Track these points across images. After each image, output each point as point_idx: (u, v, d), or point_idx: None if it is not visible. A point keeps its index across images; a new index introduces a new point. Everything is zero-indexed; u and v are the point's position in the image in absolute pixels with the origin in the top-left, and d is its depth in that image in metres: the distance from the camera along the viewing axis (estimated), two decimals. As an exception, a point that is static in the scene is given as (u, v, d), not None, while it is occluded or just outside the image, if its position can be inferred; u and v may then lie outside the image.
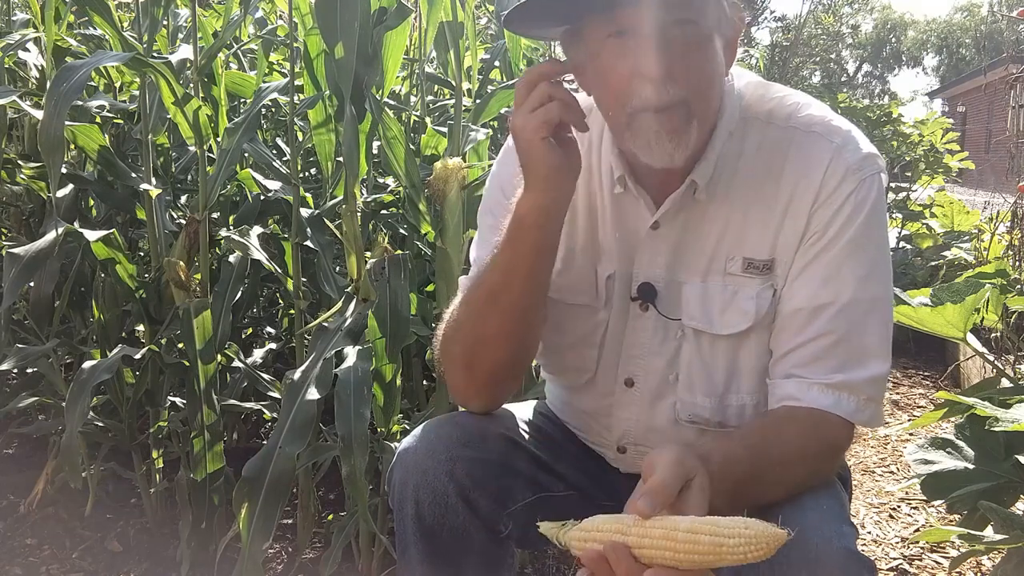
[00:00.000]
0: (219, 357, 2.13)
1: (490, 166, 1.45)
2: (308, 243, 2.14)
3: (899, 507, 2.75)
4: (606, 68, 1.09)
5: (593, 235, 1.28)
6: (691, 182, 1.16)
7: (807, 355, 1.13)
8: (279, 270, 2.21)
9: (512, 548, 1.28)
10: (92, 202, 2.51)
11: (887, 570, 2.34)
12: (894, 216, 5.57)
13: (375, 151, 2.17)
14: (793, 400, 1.13)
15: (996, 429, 1.40)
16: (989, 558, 2.23)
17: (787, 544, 0.99)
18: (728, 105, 1.17)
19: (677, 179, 1.18)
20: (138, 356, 2.09)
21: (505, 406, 1.36)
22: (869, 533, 2.56)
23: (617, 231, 1.25)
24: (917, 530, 2.58)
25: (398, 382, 1.97)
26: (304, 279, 2.27)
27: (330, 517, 2.41)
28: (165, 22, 2.47)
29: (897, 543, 2.50)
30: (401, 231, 2.35)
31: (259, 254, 2.12)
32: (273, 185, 2.22)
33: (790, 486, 1.07)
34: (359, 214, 1.97)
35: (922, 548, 2.45)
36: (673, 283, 1.23)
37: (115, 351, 2.07)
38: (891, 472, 3.07)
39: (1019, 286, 2.34)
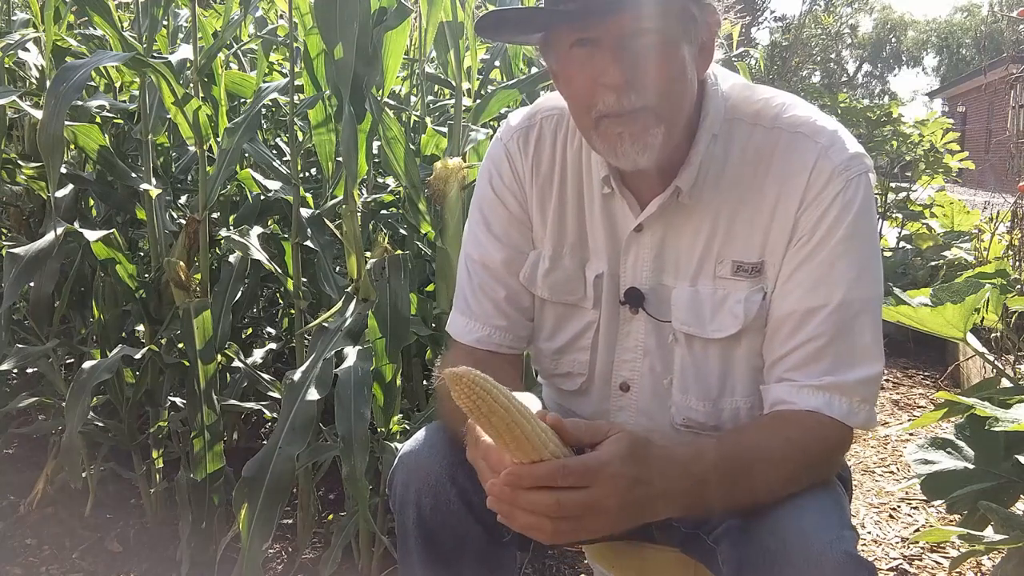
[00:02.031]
0: (219, 357, 2.13)
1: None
2: (308, 243, 2.14)
3: (899, 507, 2.75)
4: (571, 76, 1.11)
5: (582, 234, 1.28)
6: (675, 188, 1.17)
7: (798, 359, 1.13)
8: (279, 270, 2.21)
9: (514, 552, 1.28)
10: (92, 202, 2.51)
11: (887, 570, 2.34)
12: (894, 216, 5.57)
13: (375, 151, 2.18)
14: (784, 404, 1.13)
15: (996, 429, 1.40)
16: (989, 558, 2.23)
17: (788, 548, 1.00)
18: (712, 108, 1.17)
19: (662, 182, 1.18)
20: (138, 356, 2.09)
21: None
22: (869, 533, 2.56)
23: (605, 231, 1.25)
24: (917, 530, 2.58)
25: (398, 382, 1.98)
26: (304, 279, 2.27)
27: (330, 517, 2.41)
28: (165, 22, 2.47)
29: (897, 543, 2.50)
30: (401, 231, 2.35)
31: (259, 254, 2.12)
32: (273, 185, 2.22)
33: (783, 487, 1.07)
34: (359, 214, 1.97)
35: (922, 548, 2.45)
36: (660, 287, 1.23)
37: (115, 351, 2.07)
38: (891, 472, 3.07)
39: (1019, 286, 2.34)
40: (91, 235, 2.04)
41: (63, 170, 2.16)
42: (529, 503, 0.92)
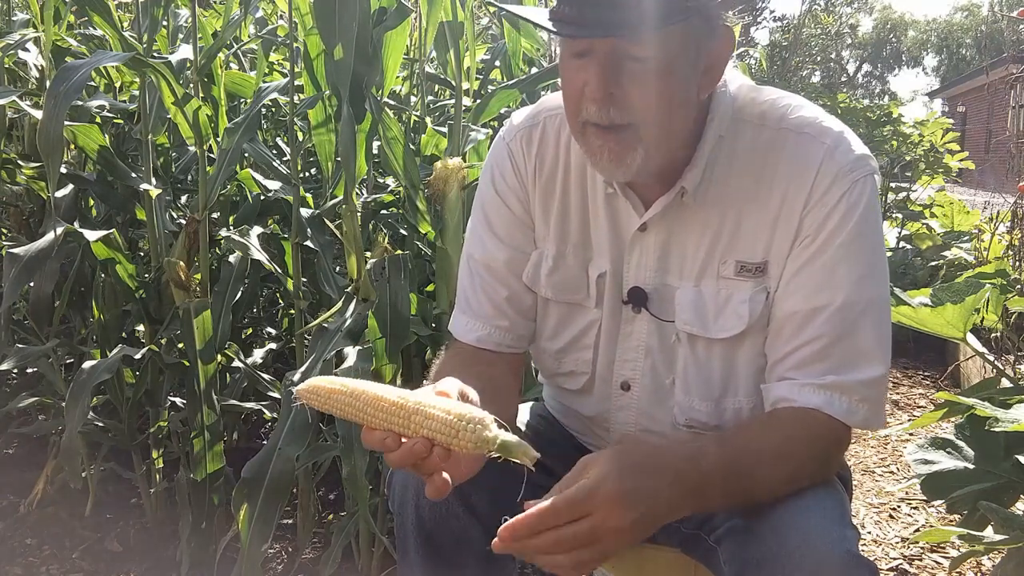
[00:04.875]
0: (219, 357, 2.13)
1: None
2: (308, 243, 2.14)
3: (899, 507, 2.75)
4: (565, 80, 1.13)
5: (585, 233, 1.28)
6: (680, 188, 1.17)
7: (801, 358, 1.13)
8: (279, 270, 2.21)
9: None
10: (92, 202, 2.51)
11: (887, 570, 2.34)
12: (894, 216, 5.57)
13: (375, 151, 2.18)
14: (785, 402, 1.13)
15: (996, 429, 1.40)
16: (989, 558, 2.23)
17: (790, 548, 1.00)
18: (718, 109, 1.17)
19: (666, 183, 1.18)
20: (138, 356, 2.09)
21: None
22: (869, 533, 2.56)
23: (608, 230, 1.26)
24: (917, 530, 2.58)
25: (398, 382, 1.97)
26: (304, 279, 2.27)
27: (330, 517, 2.42)
28: (165, 22, 2.47)
29: (897, 543, 2.50)
30: (401, 231, 2.35)
31: (259, 254, 2.12)
32: (273, 185, 2.22)
33: (783, 484, 1.07)
34: (359, 214, 1.97)
35: (922, 548, 2.45)
36: (664, 287, 1.23)
37: (115, 351, 2.07)
38: (891, 472, 3.07)
39: (1019, 286, 2.34)
40: (91, 235, 2.04)
41: (63, 170, 2.17)
42: (535, 548, 0.92)
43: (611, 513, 0.92)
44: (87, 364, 2.01)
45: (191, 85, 2.11)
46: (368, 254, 1.96)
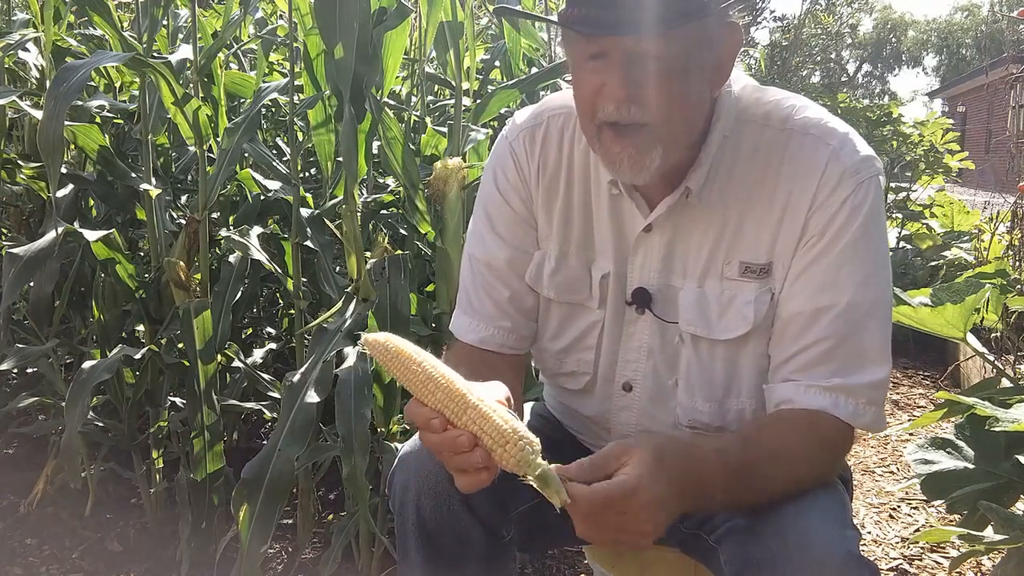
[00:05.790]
0: (219, 357, 2.13)
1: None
2: (308, 243, 2.14)
3: (899, 507, 2.75)
4: (580, 80, 1.12)
5: (588, 233, 1.28)
6: (685, 189, 1.17)
7: (805, 360, 1.13)
8: (279, 270, 2.21)
9: (514, 552, 1.27)
10: (92, 202, 2.51)
11: (887, 570, 2.34)
12: (894, 216, 5.57)
13: (375, 151, 2.18)
14: (790, 403, 1.13)
15: (996, 429, 1.40)
16: (989, 558, 2.23)
17: (791, 548, 1.00)
18: (723, 110, 1.17)
19: (670, 183, 1.18)
20: (138, 356, 2.09)
21: None
22: (869, 533, 2.56)
23: (612, 231, 1.25)
24: (917, 530, 2.58)
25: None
26: (304, 279, 2.27)
27: (330, 517, 2.41)
28: (165, 22, 2.47)
29: (897, 543, 2.50)
30: (401, 231, 2.35)
31: (259, 254, 2.12)
32: (273, 185, 2.22)
33: (787, 485, 1.07)
34: (359, 214, 1.97)
35: (922, 548, 2.45)
36: (668, 287, 1.23)
37: (115, 351, 2.07)
38: (891, 472, 3.07)
39: (1019, 286, 2.34)
40: (91, 235, 2.04)
41: (63, 170, 2.16)
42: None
43: (642, 516, 0.94)
44: (87, 364, 2.01)
45: (191, 85, 2.11)
46: (368, 254, 1.96)
